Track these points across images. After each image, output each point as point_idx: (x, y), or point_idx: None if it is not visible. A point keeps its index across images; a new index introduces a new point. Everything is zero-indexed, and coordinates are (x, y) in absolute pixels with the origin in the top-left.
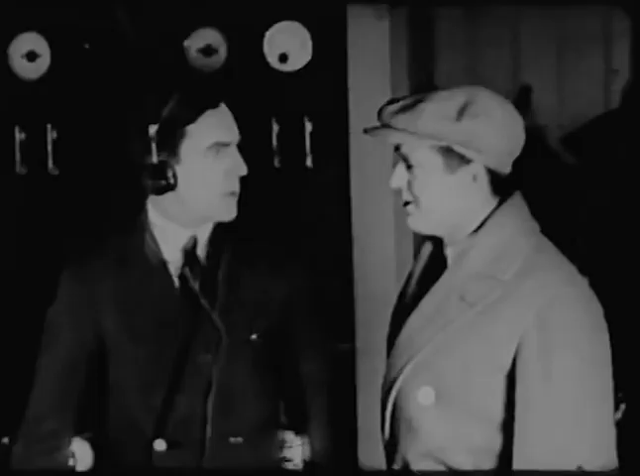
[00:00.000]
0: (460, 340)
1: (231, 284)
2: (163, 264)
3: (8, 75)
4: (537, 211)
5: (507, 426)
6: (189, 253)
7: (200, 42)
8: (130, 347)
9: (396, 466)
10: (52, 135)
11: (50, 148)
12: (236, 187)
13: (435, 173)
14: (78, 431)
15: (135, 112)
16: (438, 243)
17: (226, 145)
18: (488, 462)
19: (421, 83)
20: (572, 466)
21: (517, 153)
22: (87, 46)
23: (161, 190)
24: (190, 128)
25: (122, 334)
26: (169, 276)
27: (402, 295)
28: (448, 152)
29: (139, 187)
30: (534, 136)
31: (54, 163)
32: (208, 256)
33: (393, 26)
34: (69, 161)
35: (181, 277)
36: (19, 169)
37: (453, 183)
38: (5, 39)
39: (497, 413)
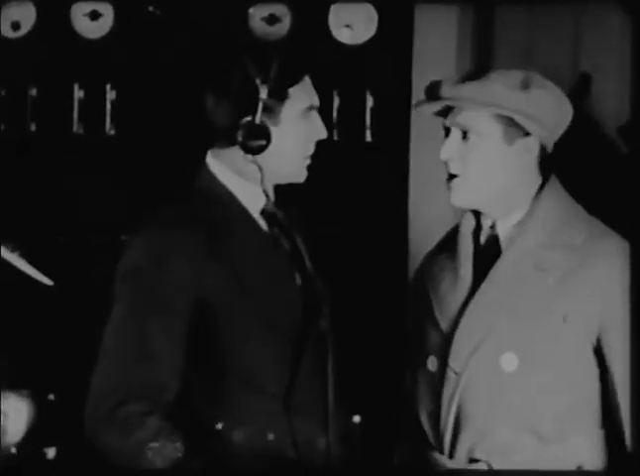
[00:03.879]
0: (543, 308)
1: (307, 245)
2: (258, 226)
3: (70, 34)
4: (590, 198)
5: (591, 389)
6: (269, 213)
7: (264, 10)
8: (250, 319)
9: (469, 437)
10: (110, 95)
11: (108, 108)
12: (312, 150)
13: (493, 142)
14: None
15: (240, 71)
16: (478, 218)
17: (315, 108)
18: (572, 427)
19: (484, 63)
20: None
21: (561, 133)
22: (151, 8)
23: (259, 150)
24: (292, 90)
25: (238, 307)
26: (268, 237)
27: (440, 270)
28: (509, 122)
29: (201, 147)
30: (592, 124)
31: (112, 123)
32: (283, 215)
33: (461, 6)
34: (127, 122)
35: (274, 238)
36: (76, 128)
37: (508, 155)
38: None
39: (583, 376)
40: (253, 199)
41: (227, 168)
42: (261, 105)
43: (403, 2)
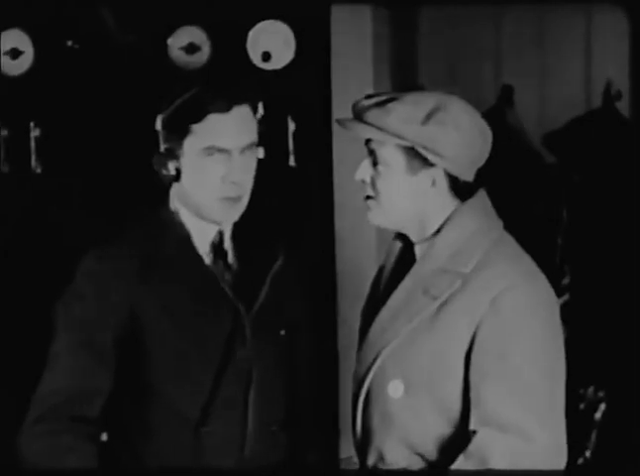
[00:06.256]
0: (425, 332)
1: (257, 280)
2: (199, 257)
3: None
4: (517, 210)
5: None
6: (217, 247)
7: (183, 39)
8: (172, 341)
9: (371, 459)
10: (34, 132)
11: (33, 145)
12: (232, 193)
13: (397, 172)
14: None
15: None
16: (407, 241)
17: (223, 151)
18: (454, 451)
19: (403, 82)
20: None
21: (481, 163)
22: (71, 43)
23: (165, 179)
24: (195, 127)
25: (163, 329)
26: (207, 269)
27: (372, 291)
28: (411, 153)
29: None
30: (515, 135)
31: (37, 160)
32: (233, 250)
33: (376, 25)
34: (52, 158)
35: (214, 271)
36: (1, 166)
37: (413, 185)
38: None
39: (463, 403)
40: (201, 232)
41: (181, 201)
42: (161, 136)
43: (319, 22)
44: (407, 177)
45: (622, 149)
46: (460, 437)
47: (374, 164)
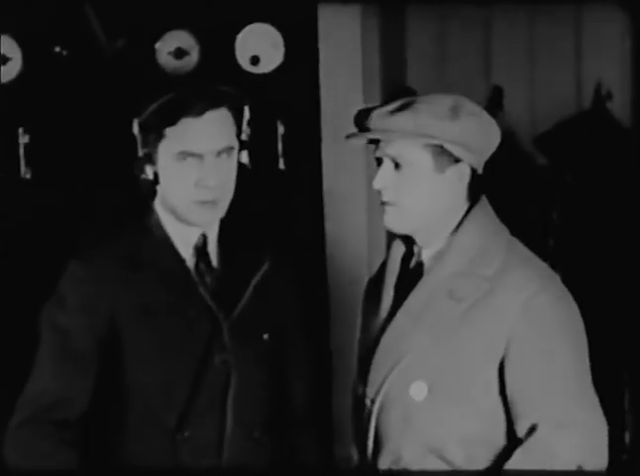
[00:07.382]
0: (452, 335)
1: (241, 283)
2: (181, 261)
3: None
4: (509, 212)
5: (499, 415)
6: (200, 250)
7: (171, 44)
8: (151, 345)
9: (385, 462)
10: (23, 139)
11: (22, 152)
12: (208, 197)
13: (425, 172)
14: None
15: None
16: (409, 244)
17: (195, 155)
18: (482, 452)
19: (393, 84)
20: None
21: (489, 155)
22: (59, 49)
23: (144, 183)
24: (168, 131)
25: (142, 333)
26: (187, 273)
27: (372, 295)
28: (439, 150)
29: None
30: (505, 137)
31: (27, 166)
32: (218, 254)
33: (365, 27)
34: (42, 164)
35: (194, 274)
36: None
37: (441, 183)
38: None
39: (492, 403)
40: (183, 236)
41: (163, 206)
42: (138, 141)
43: (307, 25)
44: (435, 175)
45: (613, 149)
46: (485, 437)
47: (397, 167)
